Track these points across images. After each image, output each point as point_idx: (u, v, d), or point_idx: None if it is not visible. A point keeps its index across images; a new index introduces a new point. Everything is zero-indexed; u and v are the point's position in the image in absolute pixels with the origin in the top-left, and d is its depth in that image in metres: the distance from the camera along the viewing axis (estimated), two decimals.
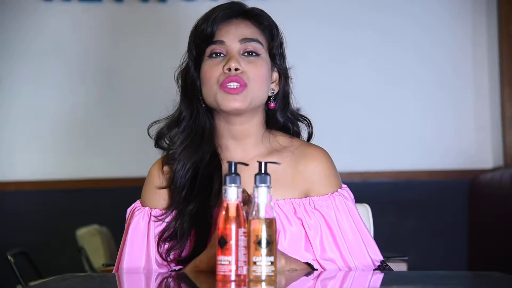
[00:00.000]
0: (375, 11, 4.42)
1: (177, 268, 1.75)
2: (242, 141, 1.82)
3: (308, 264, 1.71)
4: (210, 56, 1.78)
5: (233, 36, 1.77)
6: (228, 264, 1.39)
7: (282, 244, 1.70)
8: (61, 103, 4.44)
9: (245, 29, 1.78)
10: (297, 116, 1.88)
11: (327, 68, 4.40)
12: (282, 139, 1.84)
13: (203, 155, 1.79)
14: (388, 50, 4.39)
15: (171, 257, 1.75)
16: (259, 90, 1.77)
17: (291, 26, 4.23)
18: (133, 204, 1.85)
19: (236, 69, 1.74)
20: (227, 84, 1.74)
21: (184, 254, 1.74)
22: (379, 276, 1.64)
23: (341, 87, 4.39)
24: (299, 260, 1.70)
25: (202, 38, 1.78)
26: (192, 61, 1.81)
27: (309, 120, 1.89)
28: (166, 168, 1.82)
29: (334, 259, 1.73)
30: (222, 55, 1.77)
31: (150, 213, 1.80)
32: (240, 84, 1.74)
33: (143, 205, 1.83)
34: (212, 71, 1.76)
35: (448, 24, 4.41)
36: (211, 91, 1.76)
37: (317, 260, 1.73)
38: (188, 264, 1.70)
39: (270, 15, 1.87)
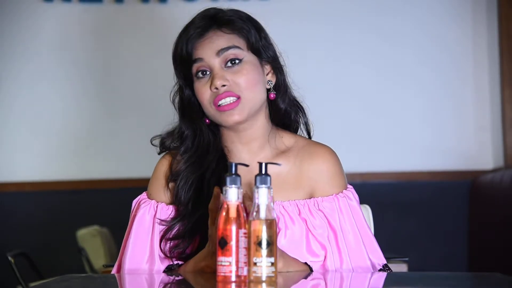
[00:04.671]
0: (375, 11, 4.42)
1: (175, 263, 1.74)
2: (249, 145, 1.82)
3: (307, 264, 1.71)
4: (197, 75, 1.78)
5: (210, 51, 1.76)
6: (229, 265, 1.39)
7: (280, 242, 1.70)
8: (61, 104, 4.44)
9: (219, 40, 1.77)
10: (295, 103, 1.87)
11: (327, 68, 4.40)
12: (287, 139, 1.84)
13: (209, 164, 1.79)
14: (388, 50, 4.39)
15: (174, 254, 1.75)
16: (254, 96, 1.76)
17: (292, 27, 4.29)
18: (139, 196, 1.85)
19: (223, 85, 1.74)
20: (220, 103, 1.74)
21: (188, 251, 1.75)
22: (380, 276, 1.63)
23: (341, 88, 4.39)
24: (298, 261, 1.70)
25: (182, 62, 1.78)
26: (182, 81, 1.81)
27: (302, 107, 1.88)
28: (171, 184, 1.81)
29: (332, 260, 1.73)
30: (207, 72, 1.77)
31: (157, 206, 1.80)
32: (234, 97, 1.74)
33: (150, 197, 1.83)
34: (201, 93, 1.76)
35: (448, 25, 4.41)
36: (209, 112, 1.78)
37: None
38: (188, 262, 1.70)
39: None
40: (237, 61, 1.76)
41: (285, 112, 1.85)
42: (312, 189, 1.78)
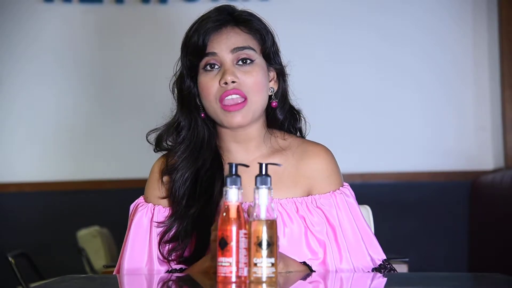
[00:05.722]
0: (375, 11, 4.42)
1: (177, 267, 1.75)
2: (245, 144, 1.82)
3: (306, 264, 1.71)
4: (205, 68, 1.77)
5: (225, 47, 1.76)
6: (229, 265, 1.39)
7: (279, 240, 1.70)
8: (61, 104, 4.44)
9: (236, 38, 1.77)
10: (292, 111, 1.88)
11: (327, 69, 4.40)
12: (282, 139, 1.84)
13: (203, 162, 1.79)
14: (388, 51, 4.39)
15: (173, 257, 1.75)
16: (259, 100, 1.77)
17: (292, 27, 4.29)
18: (136, 200, 1.85)
19: (232, 82, 1.74)
20: (226, 99, 1.74)
21: (186, 254, 1.75)
22: (379, 277, 1.64)
23: (341, 88, 4.39)
24: (297, 261, 1.70)
25: (194, 52, 1.77)
26: (187, 71, 1.80)
27: (298, 114, 1.88)
28: (165, 178, 1.81)
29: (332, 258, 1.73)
30: (216, 66, 1.76)
31: (153, 209, 1.80)
32: (240, 96, 1.74)
33: (147, 201, 1.83)
34: (209, 86, 1.76)
35: (449, 25, 4.41)
36: (212, 108, 1.77)
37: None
38: (193, 266, 1.70)
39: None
40: (248, 61, 1.76)
41: (280, 123, 1.86)
42: (309, 187, 1.79)
